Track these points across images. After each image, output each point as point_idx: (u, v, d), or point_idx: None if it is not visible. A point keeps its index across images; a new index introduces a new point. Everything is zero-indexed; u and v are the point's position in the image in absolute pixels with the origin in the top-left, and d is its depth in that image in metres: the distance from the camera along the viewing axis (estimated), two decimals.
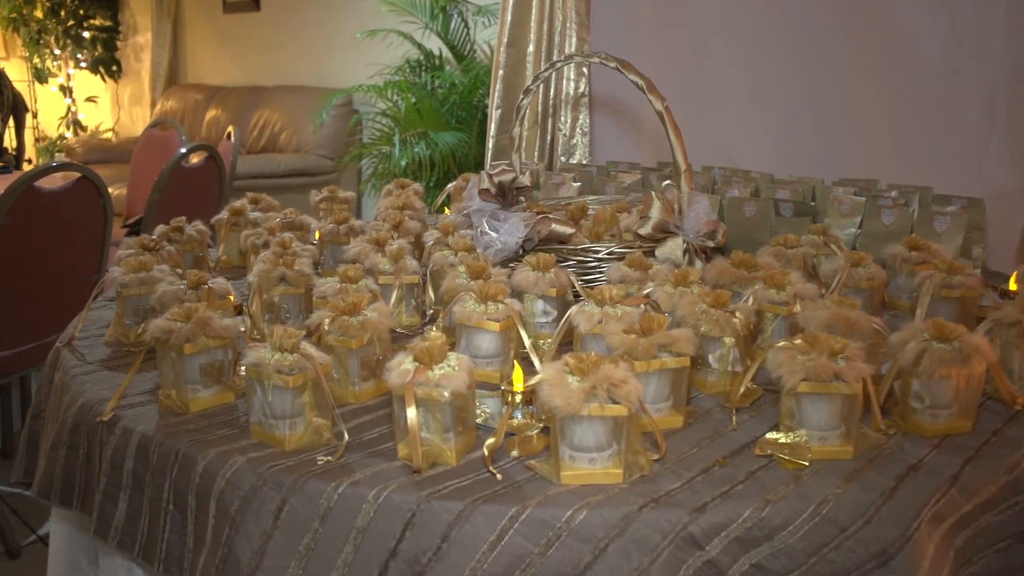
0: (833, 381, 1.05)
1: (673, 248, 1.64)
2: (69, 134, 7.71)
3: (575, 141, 3.04)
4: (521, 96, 1.87)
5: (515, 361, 1.23)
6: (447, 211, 2.25)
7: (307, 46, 6.07)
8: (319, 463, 1.05)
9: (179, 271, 1.61)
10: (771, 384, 1.26)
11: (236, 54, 6.81)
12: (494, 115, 3.20)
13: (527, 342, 1.31)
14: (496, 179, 1.87)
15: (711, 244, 1.69)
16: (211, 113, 6.43)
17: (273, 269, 1.50)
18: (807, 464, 1.05)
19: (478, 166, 4.13)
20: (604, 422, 0.99)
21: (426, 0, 4.60)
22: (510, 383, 1.18)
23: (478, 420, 1.15)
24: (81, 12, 7.59)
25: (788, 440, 1.08)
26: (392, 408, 1.08)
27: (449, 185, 2.41)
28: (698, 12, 2.82)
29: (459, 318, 1.31)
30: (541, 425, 1.13)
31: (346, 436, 1.09)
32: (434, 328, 1.52)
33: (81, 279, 2.74)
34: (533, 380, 1.01)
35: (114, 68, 7.81)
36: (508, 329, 1.31)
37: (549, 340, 1.42)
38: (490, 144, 3.22)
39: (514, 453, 1.07)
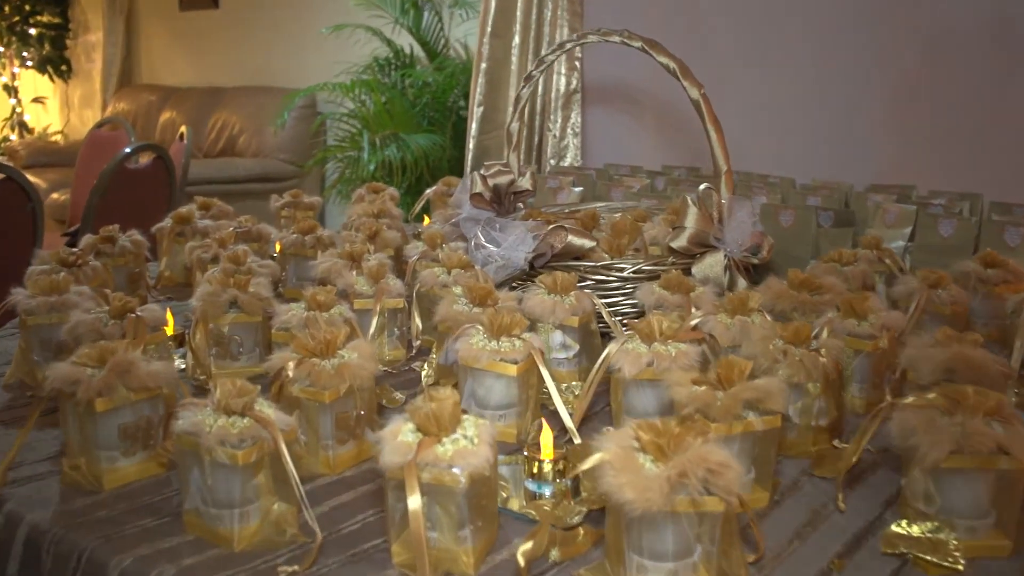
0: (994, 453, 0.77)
1: (713, 265, 1.35)
2: (14, 136, 7.26)
3: (566, 143, 2.75)
4: (522, 84, 1.58)
5: (542, 419, 0.93)
6: (427, 220, 1.94)
7: (268, 44, 5.72)
8: (281, 574, 0.75)
9: (108, 291, 1.29)
10: (870, 446, 0.98)
11: (193, 53, 6.43)
12: (475, 113, 2.90)
13: (553, 391, 1.01)
14: (491, 181, 1.57)
15: (755, 260, 1.41)
16: (166, 115, 6.04)
17: (222, 291, 1.19)
18: (961, 568, 0.76)
19: (452, 171, 3.82)
20: (689, 519, 0.70)
21: None
22: (536, 448, 0.88)
23: None
24: (27, 8, 7.15)
25: (925, 533, 0.79)
26: (384, 493, 0.77)
27: (428, 190, 2.12)
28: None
29: (465, 358, 1.01)
30: (584, 510, 0.83)
31: (319, 534, 0.78)
32: (426, 366, 1.22)
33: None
34: (590, 460, 0.71)
35: (63, 68, 7.38)
36: (526, 372, 1.02)
37: (575, 384, 1.12)
38: (471, 145, 2.92)
39: (554, 555, 0.77)
